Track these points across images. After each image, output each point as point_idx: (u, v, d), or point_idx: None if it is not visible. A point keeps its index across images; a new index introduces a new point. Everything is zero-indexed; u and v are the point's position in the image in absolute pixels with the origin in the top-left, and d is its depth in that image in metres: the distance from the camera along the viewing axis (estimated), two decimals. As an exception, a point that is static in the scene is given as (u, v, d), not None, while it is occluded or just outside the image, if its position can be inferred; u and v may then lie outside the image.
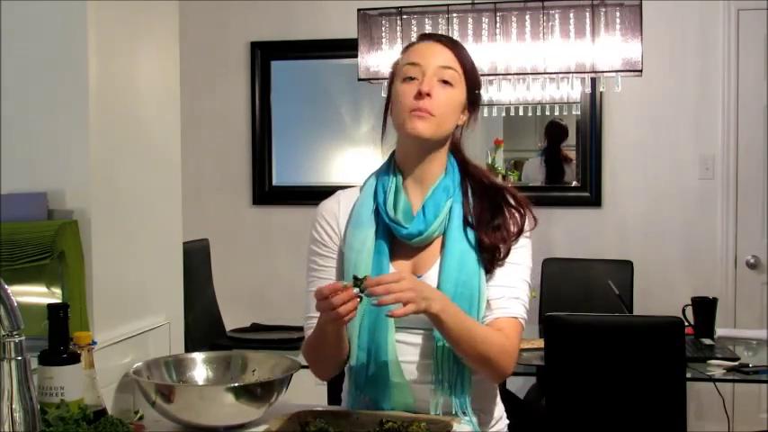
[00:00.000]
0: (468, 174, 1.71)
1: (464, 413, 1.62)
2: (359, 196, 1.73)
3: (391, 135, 1.72)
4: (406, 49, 1.71)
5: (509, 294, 1.64)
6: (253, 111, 4.70)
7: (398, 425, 1.50)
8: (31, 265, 1.63)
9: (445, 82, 1.63)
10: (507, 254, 1.64)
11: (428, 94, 1.60)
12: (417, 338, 1.64)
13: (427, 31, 1.76)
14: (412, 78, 1.63)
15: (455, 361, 1.61)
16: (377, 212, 1.67)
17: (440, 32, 3.15)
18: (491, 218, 1.65)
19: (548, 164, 4.55)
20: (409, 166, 1.68)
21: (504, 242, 1.64)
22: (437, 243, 1.66)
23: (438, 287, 1.60)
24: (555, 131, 4.53)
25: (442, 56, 1.64)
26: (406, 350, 1.63)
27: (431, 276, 1.64)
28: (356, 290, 1.45)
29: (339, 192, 1.78)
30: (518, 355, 1.65)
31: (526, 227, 1.67)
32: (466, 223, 1.65)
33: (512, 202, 1.69)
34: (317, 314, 1.58)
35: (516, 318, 1.64)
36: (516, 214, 1.67)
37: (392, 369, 1.61)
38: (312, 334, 1.65)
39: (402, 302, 1.44)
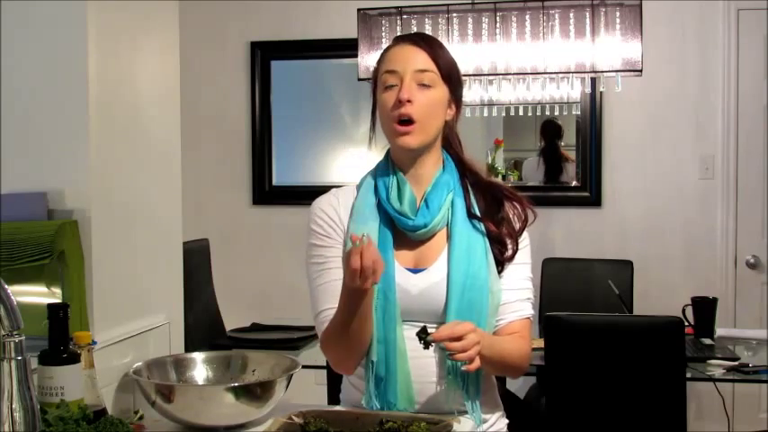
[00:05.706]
0: (467, 171, 1.74)
1: (473, 408, 1.63)
2: (357, 193, 1.74)
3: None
4: (383, 55, 1.72)
5: (520, 297, 1.71)
6: (253, 111, 4.70)
7: (398, 425, 1.50)
8: (31, 265, 1.63)
9: (424, 85, 1.64)
10: (517, 247, 1.70)
11: (408, 101, 1.62)
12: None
13: (401, 33, 1.77)
14: (392, 86, 1.65)
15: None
16: (379, 207, 1.69)
17: (430, 32, 3.18)
18: (496, 210, 1.71)
19: (546, 163, 4.55)
20: (405, 165, 1.71)
21: (511, 232, 1.70)
22: (440, 236, 1.69)
23: (447, 279, 1.63)
24: (549, 129, 4.53)
25: (418, 59, 1.65)
26: (416, 344, 1.58)
27: (437, 268, 1.66)
28: (421, 344, 1.52)
29: (333, 189, 1.79)
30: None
31: (529, 217, 1.72)
32: (470, 216, 1.68)
33: (509, 196, 1.74)
34: (331, 305, 1.63)
35: (528, 318, 1.72)
36: (517, 208, 1.73)
37: (398, 361, 1.62)
38: (334, 321, 1.62)
39: (472, 358, 1.49)
